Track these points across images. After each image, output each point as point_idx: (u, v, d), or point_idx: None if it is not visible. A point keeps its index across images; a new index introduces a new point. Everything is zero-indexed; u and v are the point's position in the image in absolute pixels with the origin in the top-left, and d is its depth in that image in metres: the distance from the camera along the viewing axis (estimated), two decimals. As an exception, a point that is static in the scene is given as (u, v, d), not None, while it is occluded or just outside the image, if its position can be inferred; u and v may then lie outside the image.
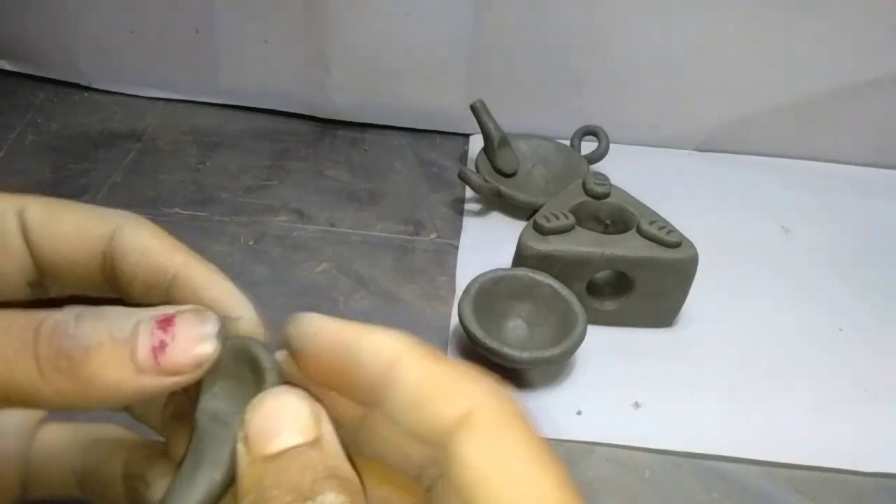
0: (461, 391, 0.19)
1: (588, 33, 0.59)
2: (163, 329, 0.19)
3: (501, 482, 0.17)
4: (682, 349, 0.48)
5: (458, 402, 0.18)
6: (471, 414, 0.18)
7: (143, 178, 0.57)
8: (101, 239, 0.23)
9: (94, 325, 0.19)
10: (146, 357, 0.19)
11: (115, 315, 0.19)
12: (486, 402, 0.18)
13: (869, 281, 0.54)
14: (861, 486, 0.41)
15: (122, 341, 0.19)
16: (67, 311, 0.19)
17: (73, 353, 0.18)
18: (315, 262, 0.52)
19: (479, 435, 0.18)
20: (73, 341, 0.18)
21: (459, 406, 0.18)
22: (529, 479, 0.18)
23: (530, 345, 0.44)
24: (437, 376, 0.19)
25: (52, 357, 0.18)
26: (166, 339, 0.19)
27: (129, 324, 0.19)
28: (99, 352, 0.18)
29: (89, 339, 0.19)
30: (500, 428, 0.18)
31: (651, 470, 0.41)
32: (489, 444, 0.18)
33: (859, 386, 0.47)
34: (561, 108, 0.63)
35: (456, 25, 0.59)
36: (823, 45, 0.59)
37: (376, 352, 0.20)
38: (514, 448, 0.18)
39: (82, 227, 0.23)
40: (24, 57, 0.66)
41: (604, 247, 0.46)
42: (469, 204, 0.58)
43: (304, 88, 0.63)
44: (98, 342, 0.19)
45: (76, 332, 0.19)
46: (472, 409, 0.18)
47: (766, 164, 0.65)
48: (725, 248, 0.55)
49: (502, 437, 0.18)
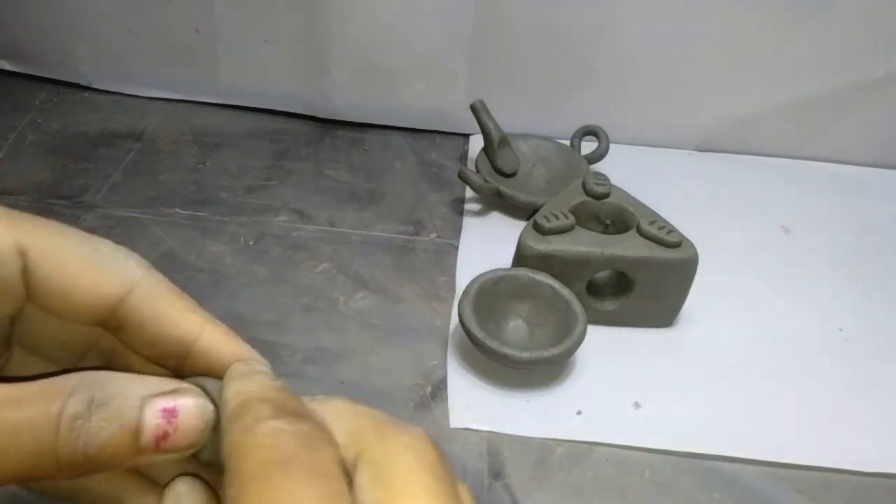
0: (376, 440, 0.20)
1: (588, 33, 0.59)
2: (167, 419, 0.20)
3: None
4: (682, 349, 0.48)
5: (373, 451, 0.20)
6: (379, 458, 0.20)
7: (143, 178, 0.57)
8: (112, 300, 0.23)
9: (105, 416, 0.20)
10: (149, 443, 0.20)
11: (123, 395, 0.20)
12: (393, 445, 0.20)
13: (869, 281, 0.54)
14: (861, 486, 0.41)
15: (131, 428, 0.20)
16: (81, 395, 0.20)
17: (88, 451, 0.20)
18: (315, 262, 0.52)
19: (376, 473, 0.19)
20: (89, 440, 0.20)
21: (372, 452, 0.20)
22: None
23: (530, 345, 0.44)
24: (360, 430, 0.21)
25: (71, 456, 0.19)
26: (170, 430, 0.20)
27: (136, 406, 0.20)
28: (110, 444, 0.20)
29: (103, 434, 0.20)
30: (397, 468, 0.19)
31: (651, 470, 0.41)
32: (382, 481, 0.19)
33: (859, 386, 0.47)
34: (561, 108, 0.63)
35: (456, 25, 0.59)
36: (823, 45, 0.59)
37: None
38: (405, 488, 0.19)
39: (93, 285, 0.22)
40: (24, 57, 0.66)
41: (604, 247, 0.46)
42: (469, 204, 0.58)
43: (304, 88, 0.63)
44: (111, 436, 0.20)
45: (92, 425, 0.20)
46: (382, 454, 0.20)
47: (766, 164, 0.65)
48: (725, 248, 0.55)
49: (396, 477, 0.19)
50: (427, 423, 0.42)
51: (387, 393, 0.43)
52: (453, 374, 0.45)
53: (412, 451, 0.19)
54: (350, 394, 0.42)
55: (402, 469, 0.19)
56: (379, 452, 0.19)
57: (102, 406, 0.20)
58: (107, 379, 0.20)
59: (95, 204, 0.54)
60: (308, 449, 0.18)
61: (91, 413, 0.20)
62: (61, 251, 0.22)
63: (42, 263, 0.22)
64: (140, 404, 0.20)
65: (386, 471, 0.19)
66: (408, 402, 0.43)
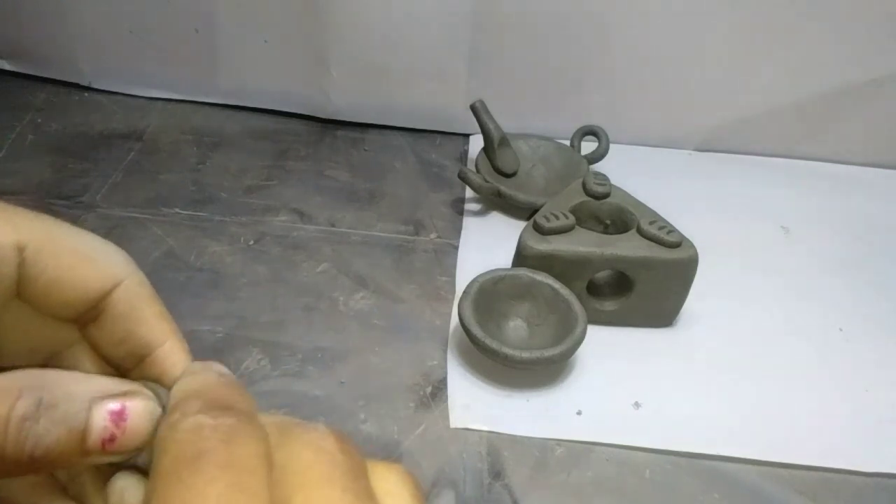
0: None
1: (588, 34, 0.59)
2: (115, 422, 0.20)
3: None
4: (682, 349, 0.48)
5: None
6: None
7: (143, 178, 0.57)
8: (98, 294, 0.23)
9: (53, 419, 0.20)
10: (96, 445, 0.20)
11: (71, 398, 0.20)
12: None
13: (869, 281, 0.54)
14: (861, 486, 0.41)
15: (77, 431, 0.20)
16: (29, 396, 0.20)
17: (34, 452, 0.20)
18: (315, 262, 0.52)
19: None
20: (35, 441, 0.20)
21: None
22: None
23: (530, 345, 0.44)
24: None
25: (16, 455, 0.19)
26: (117, 433, 0.20)
27: (84, 408, 0.20)
28: (56, 446, 0.20)
29: (49, 437, 0.20)
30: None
31: (651, 470, 0.41)
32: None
33: (859, 386, 0.47)
34: (561, 108, 0.63)
35: (456, 25, 0.59)
36: (823, 45, 0.59)
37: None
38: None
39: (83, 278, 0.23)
40: (24, 57, 0.66)
41: (604, 247, 0.46)
42: (469, 204, 0.58)
43: (304, 88, 0.63)
44: (56, 439, 0.20)
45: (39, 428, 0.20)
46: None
47: (766, 164, 0.65)
48: (725, 248, 0.55)
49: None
50: (427, 423, 0.42)
51: (387, 393, 0.43)
52: (453, 374, 0.45)
53: (311, 447, 0.19)
54: (350, 394, 0.42)
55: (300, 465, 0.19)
56: (281, 454, 0.19)
57: (51, 408, 0.20)
58: (56, 379, 0.20)
59: (95, 204, 0.54)
60: (225, 444, 0.18)
61: (39, 415, 0.20)
62: (55, 245, 0.23)
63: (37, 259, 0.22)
64: (88, 406, 0.20)
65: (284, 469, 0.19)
66: (408, 402, 0.43)
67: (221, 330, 0.46)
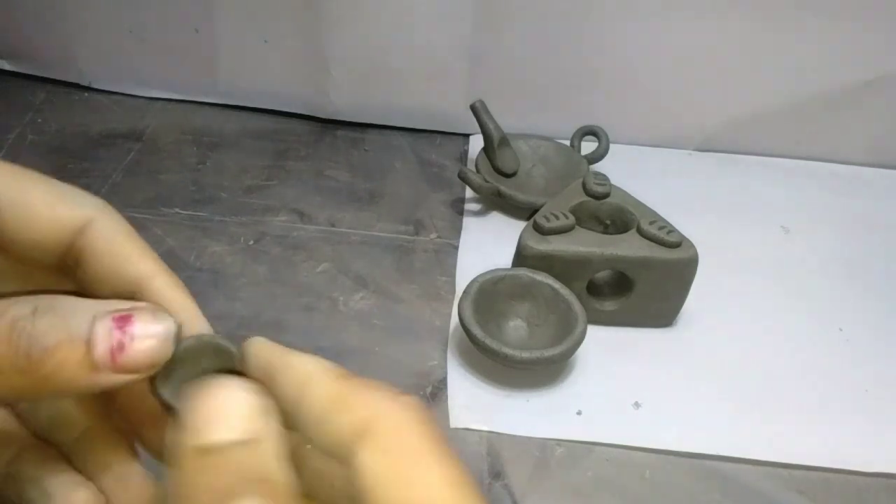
0: (362, 402, 0.19)
1: (588, 34, 0.59)
2: (120, 328, 0.19)
3: (395, 485, 0.18)
4: (682, 349, 0.48)
5: (358, 412, 0.19)
6: (370, 422, 0.18)
7: (143, 178, 0.57)
8: (71, 229, 0.22)
9: (52, 323, 0.19)
10: (104, 357, 0.19)
11: (72, 310, 0.19)
12: (386, 410, 0.19)
13: (869, 281, 0.54)
14: (861, 486, 0.41)
15: (81, 340, 0.19)
16: (23, 304, 0.19)
17: (31, 352, 0.18)
18: (315, 262, 0.52)
19: (378, 442, 0.18)
20: (31, 340, 0.18)
21: (359, 416, 0.18)
22: (422, 481, 0.18)
23: (530, 345, 0.44)
24: (343, 392, 0.19)
25: (11, 356, 0.18)
26: (124, 339, 0.19)
27: (87, 320, 0.19)
28: (57, 351, 0.19)
29: (48, 338, 0.19)
30: (398, 434, 0.18)
31: (651, 470, 0.41)
32: (386, 450, 0.18)
33: (859, 386, 0.47)
34: (561, 108, 0.63)
35: (456, 25, 0.59)
36: (823, 45, 0.59)
37: (296, 372, 0.20)
38: (409, 452, 0.18)
39: (54, 212, 0.22)
40: (24, 57, 0.66)
41: (604, 247, 0.46)
42: (469, 204, 0.58)
43: (304, 88, 0.63)
44: (56, 341, 0.19)
45: (34, 329, 0.19)
46: (372, 417, 0.18)
47: (766, 164, 0.65)
48: (725, 248, 0.55)
49: (399, 443, 0.18)
50: (427, 423, 0.42)
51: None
52: (453, 374, 0.45)
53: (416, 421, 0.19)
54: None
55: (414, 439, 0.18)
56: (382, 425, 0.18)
57: (48, 312, 0.19)
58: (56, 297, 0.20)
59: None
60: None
61: (35, 319, 0.19)
62: (25, 185, 0.22)
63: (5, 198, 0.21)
64: (91, 318, 0.19)
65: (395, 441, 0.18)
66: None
67: (221, 330, 0.45)
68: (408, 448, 0.18)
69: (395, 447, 0.18)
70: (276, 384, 0.20)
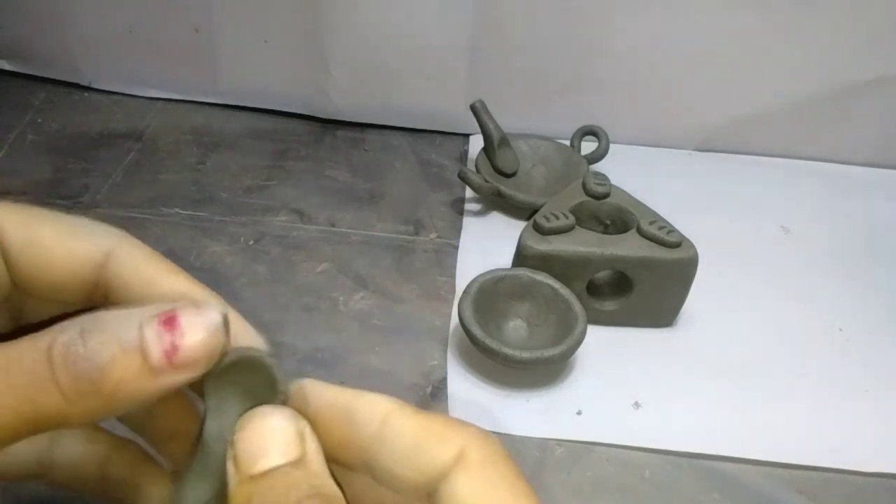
0: (453, 434, 0.21)
1: (588, 33, 0.59)
2: (169, 329, 0.19)
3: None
4: (682, 349, 0.48)
5: (453, 442, 0.20)
6: (463, 452, 0.20)
7: (143, 178, 0.57)
8: (91, 265, 0.22)
9: (101, 340, 0.19)
10: (160, 360, 0.19)
11: (118, 321, 0.19)
12: (476, 442, 0.20)
13: (869, 281, 0.54)
14: (861, 486, 0.41)
15: (134, 349, 0.19)
16: (70, 328, 0.19)
17: (90, 374, 0.19)
18: (315, 262, 0.52)
19: (471, 471, 0.20)
20: (88, 363, 0.19)
21: (455, 445, 0.20)
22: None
23: (530, 345, 0.44)
24: (429, 424, 0.21)
25: (74, 383, 0.18)
26: (176, 339, 0.19)
27: (135, 328, 0.19)
28: (115, 366, 0.19)
29: (102, 356, 0.19)
30: (488, 464, 0.20)
31: (651, 470, 0.41)
32: (480, 478, 0.20)
33: (859, 386, 0.47)
34: (561, 108, 0.63)
35: (456, 25, 0.59)
36: (823, 45, 0.59)
37: (371, 410, 0.21)
38: (500, 481, 0.20)
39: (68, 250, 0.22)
40: (24, 57, 0.66)
41: (604, 247, 0.46)
42: (469, 204, 0.58)
43: (304, 88, 0.63)
44: (111, 357, 0.19)
45: (87, 351, 0.19)
46: (464, 448, 0.20)
47: (766, 164, 0.65)
48: (725, 248, 0.55)
49: (490, 473, 0.20)
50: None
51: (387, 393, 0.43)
52: (453, 374, 0.45)
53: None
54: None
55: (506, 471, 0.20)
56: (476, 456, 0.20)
57: (96, 331, 0.19)
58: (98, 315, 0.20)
59: (95, 204, 0.54)
60: None
61: (85, 340, 0.19)
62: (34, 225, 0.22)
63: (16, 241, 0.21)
64: (139, 325, 0.19)
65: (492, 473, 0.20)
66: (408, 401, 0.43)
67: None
68: (502, 477, 0.20)
69: (488, 478, 0.20)
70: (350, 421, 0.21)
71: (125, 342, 0.19)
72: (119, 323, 0.19)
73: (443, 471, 0.20)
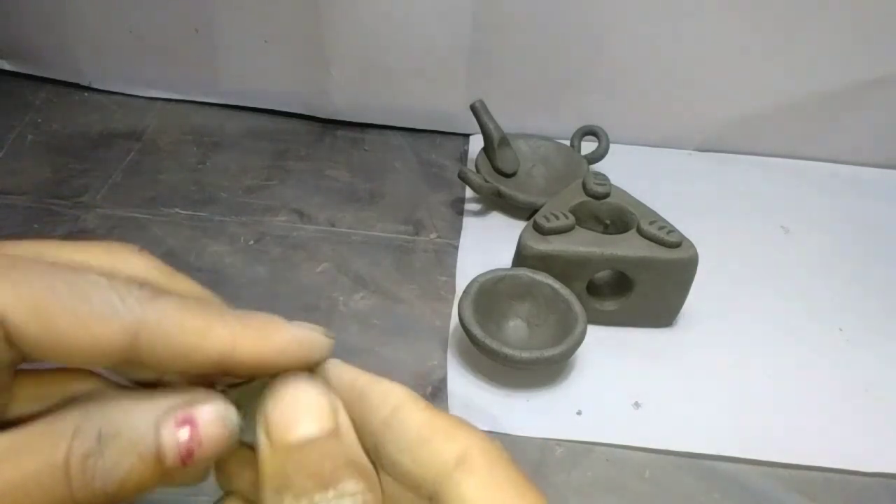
0: (460, 432, 0.20)
1: (588, 34, 0.59)
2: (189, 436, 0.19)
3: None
4: (682, 349, 0.48)
5: (458, 441, 0.20)
6: (467, 453, 0.20)
7: (143, 178, 0.57)
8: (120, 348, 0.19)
9: (119, 448, 0.18)
10: (175, 463, 0.19)
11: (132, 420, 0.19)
12: (479, 443, 0.20)
13: (869, 281, 0.54)
14: (861, 486, 0.41)
15: (151, 456, 0.19)
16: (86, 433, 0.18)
17: (107, 488, 0.18)
18: (315, 262, 0.52)
19: (476, 472, 0.20)
20: (105, 475, 0.18)
21: (459, 445, 0.20)
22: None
23: (530, 345, 0.44)
24: (437, 420, 0.21)
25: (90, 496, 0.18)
26: (193, 445, 0.19)
27: (150, 429, 0.19)
28: (131, 476, 0.18)
29: (121, 468, 0.18)
30: (492, 466, 0.20)
31: (651, 470, 0.41)
32: (484, 480, 0.20)
33: (859, 386, 0.47)
34: (561, 108, 0.63)
35: (456, 25, 0.59)
36: (824, 44, 0.59)
37: (385, 397, 0.21)
38: (504, 484, 0.20)
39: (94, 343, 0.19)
40: (24, 57, 0.66)
41: (604, 247, 0.46)
42: (469, 204, 0.58)
43: (304, 88, 0.63)
44: (130, 467, 0.18)
45: (106, 461, 0.18)
46: (468, 449, 0.20)
47: (766, 164, 0.65)
48: (725, 248, 0.55)
49: (494, 475, 0.20)
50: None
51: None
52: (453, 374, 0.45)
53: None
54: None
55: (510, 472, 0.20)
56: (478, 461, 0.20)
57: (114, 438, 0.18)
58: (111, 405, 0.19)
59: (95, 204, 0.54)
60: None
61: (102, 449, 0.18)
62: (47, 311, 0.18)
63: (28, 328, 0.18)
64: (155, 427, 0.19)
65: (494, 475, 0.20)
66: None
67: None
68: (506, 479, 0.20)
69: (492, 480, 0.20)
70: (363, 405, 0.21)
71: (143, 449, 0.19)
72: (134, 421, 0.19)
73: (444, 468, 0.20)
